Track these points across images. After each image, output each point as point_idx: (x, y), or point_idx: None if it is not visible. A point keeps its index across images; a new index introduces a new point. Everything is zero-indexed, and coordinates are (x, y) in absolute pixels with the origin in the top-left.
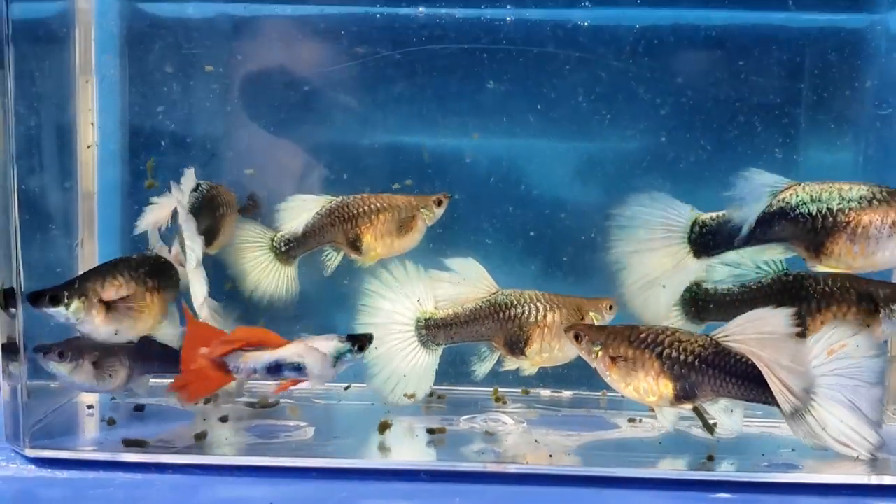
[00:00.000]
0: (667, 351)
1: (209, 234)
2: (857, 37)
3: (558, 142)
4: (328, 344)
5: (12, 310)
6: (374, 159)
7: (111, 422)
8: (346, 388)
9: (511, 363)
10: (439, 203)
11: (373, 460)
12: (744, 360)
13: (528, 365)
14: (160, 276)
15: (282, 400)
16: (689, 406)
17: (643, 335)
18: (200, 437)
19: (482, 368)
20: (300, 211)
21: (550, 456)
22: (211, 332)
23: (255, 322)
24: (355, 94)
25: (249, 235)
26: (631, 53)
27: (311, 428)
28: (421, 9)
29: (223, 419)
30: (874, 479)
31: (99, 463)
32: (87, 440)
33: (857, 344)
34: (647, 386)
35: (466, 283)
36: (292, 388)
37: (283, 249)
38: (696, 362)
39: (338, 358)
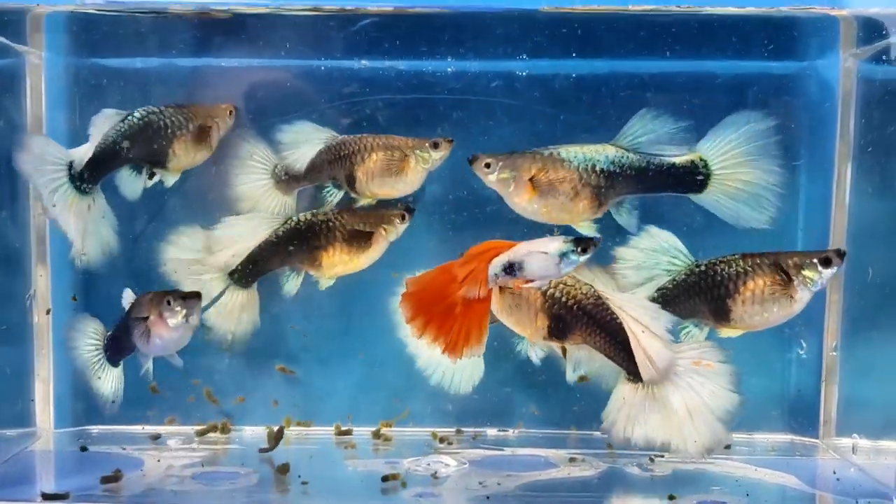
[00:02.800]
0: (551, 290)
1: (157, 161)
2: (786, 83)
3: None
4: (553, 244)
5: None
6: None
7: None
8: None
9: None
10: (436, 146)
11: None
12: (618, 320)
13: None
14: None
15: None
16: (557, 344)
17: None
18: (109, 479)
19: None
20: (304, 143)
21: (488, 498)
22: (439, 278)
23: None
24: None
25: (254, 157)
26: (567, 102)
27: (256, 474)
28: (363, 61)
29: None
30: None
31: None
32: (41, 490)
33: (722, 372)
34: (528, 318)
35: None
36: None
37: (283, 178)
38: (575, 307)
39: (562, 257)
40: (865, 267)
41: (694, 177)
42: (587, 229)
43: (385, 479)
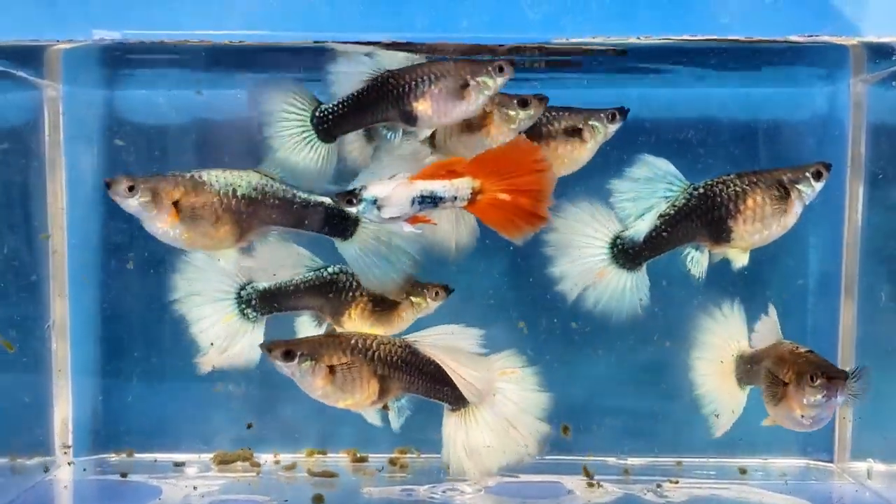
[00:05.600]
0: (376, 353)
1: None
2: (796, 108)
3: None
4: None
5: None
6: None
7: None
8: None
9: None
10: (524, 104)
11: None
12: (432, 361)
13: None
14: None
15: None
16: (380, 404)
17: (353, 341)
18: None
19: None
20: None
21: None
22: None
23: None
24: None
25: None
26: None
27: (274, 503)
28: None
29: None
30: None
31: None
32: None
33: (527, 375)
34: (360, 388)
35: None
36: None
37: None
38: (398, 361)
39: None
40: (878, 291)
41: (344, 222)
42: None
43: None
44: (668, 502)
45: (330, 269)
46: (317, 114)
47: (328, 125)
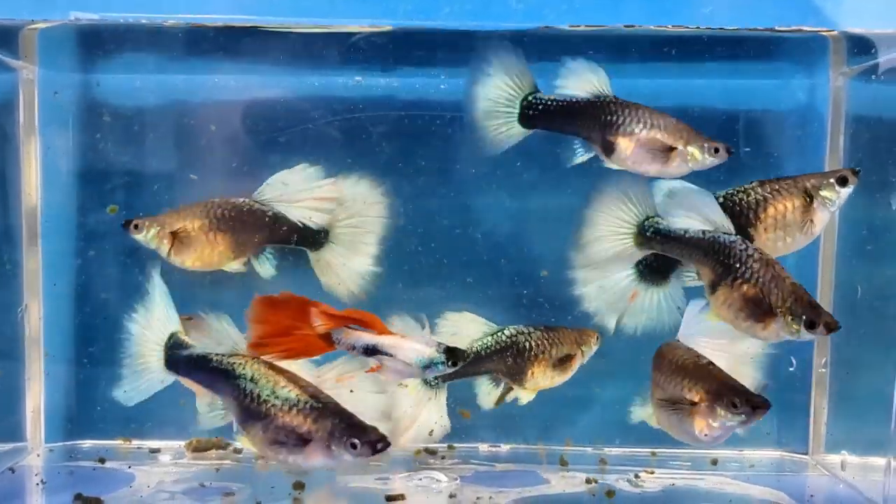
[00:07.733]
0: None
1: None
2: (776, 101)
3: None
4: (425, 349)
5: None
6: None
7: None
8: None
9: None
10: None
11: None
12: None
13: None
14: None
15: None
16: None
17: None
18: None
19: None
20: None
21: None
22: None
23: None
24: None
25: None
26: None
27: (249, 489)
28: (357, 77)
29: None
30: None
31: None
32: None
33: (366, 378)
34: None
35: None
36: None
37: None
38: None
39: (428, 365)
40: (854, 285)
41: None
42: None
43: (389, 499)
44: (643, 492)
45: (506, 332)
46: (529, 98)
47: (534, 112)
